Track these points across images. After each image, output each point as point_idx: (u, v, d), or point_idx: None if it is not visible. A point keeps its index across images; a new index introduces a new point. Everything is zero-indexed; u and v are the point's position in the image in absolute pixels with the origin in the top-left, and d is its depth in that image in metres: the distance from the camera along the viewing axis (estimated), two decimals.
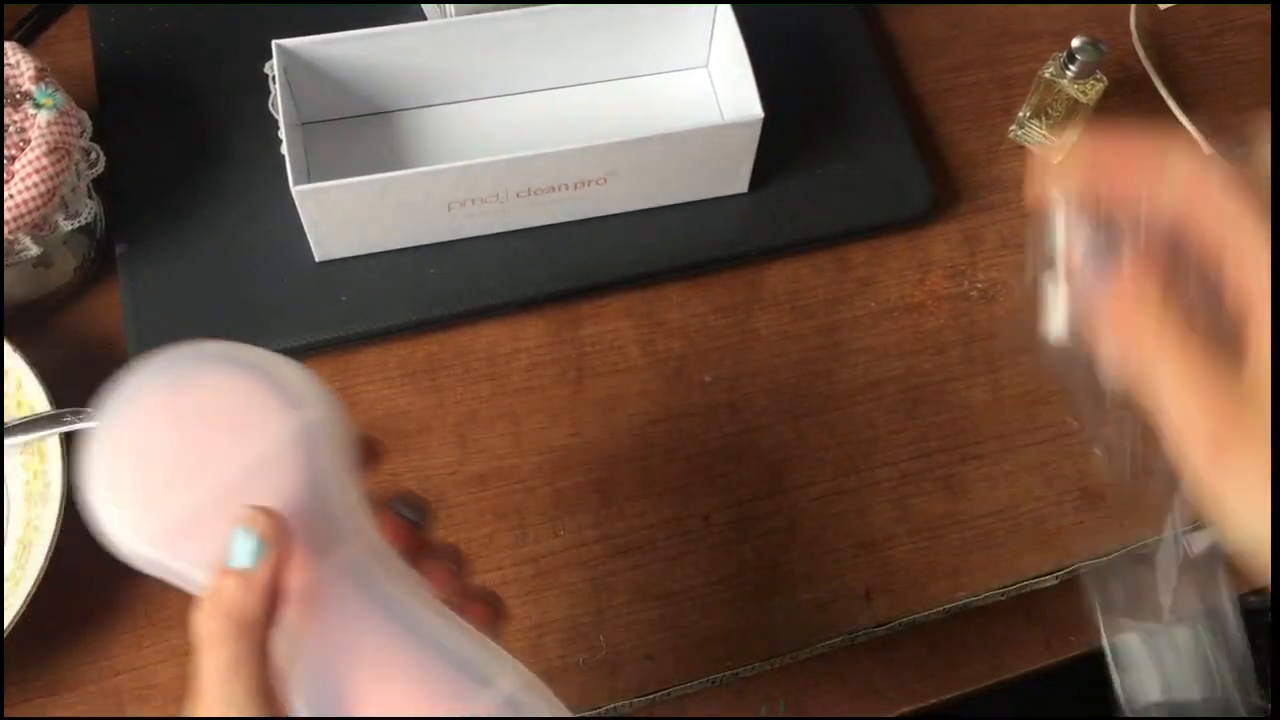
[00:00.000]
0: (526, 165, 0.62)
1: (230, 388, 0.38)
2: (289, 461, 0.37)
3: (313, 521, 0.37)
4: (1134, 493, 0.41)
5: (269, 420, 0.37)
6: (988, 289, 0.69)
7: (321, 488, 0.37)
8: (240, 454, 0.37)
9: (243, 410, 0.38)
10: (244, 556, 0.36)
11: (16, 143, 0.58)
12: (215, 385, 0.38)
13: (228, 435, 0.37)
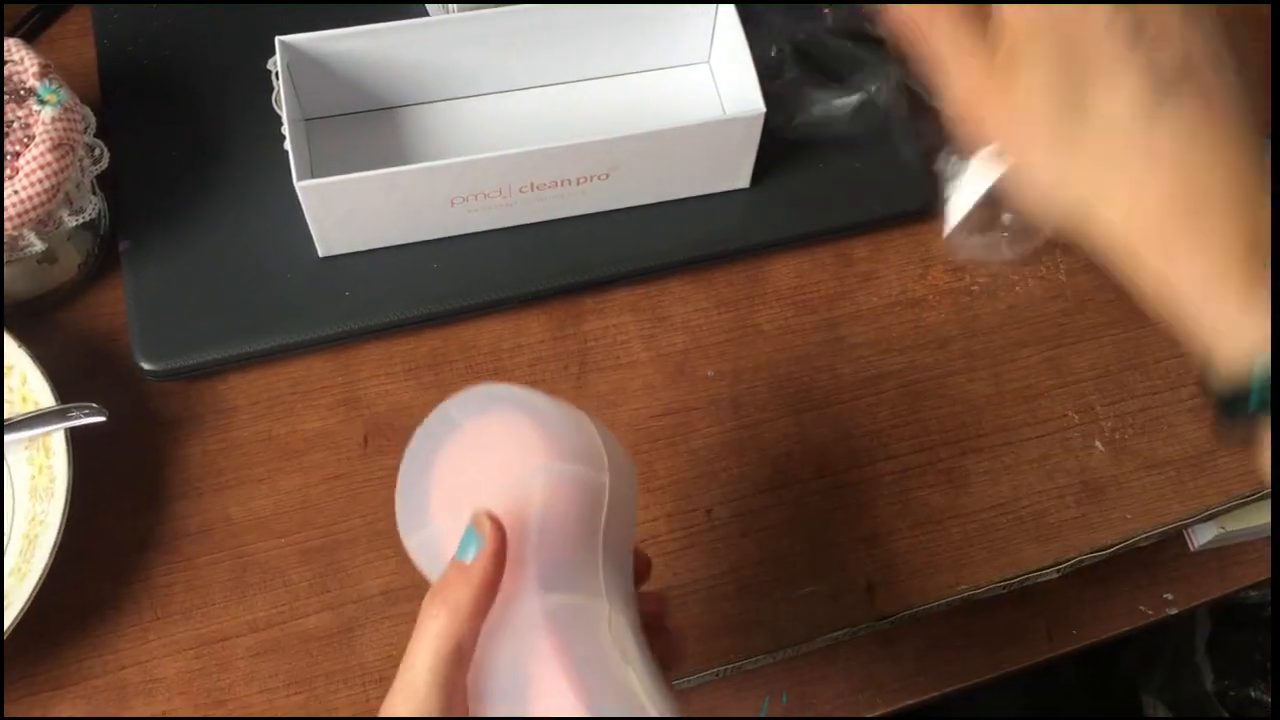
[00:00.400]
0: (529, 160, 0.62)
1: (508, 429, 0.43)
2: (526, 496, 0.41)
3: (543, 555, 0.41)
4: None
5: (526, 460, 0.42)
6: (989, 284, 0.70)
7: (559, 530, 0.41)
8: (495, 484, 0.42)
9: (509, 450, 0.43)
10: (466, 551, 0.40)
11: (21, 139, 0.58)
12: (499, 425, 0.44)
13: (492, 469, 0.43)
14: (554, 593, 0.41)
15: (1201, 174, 0.36)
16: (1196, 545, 0.75)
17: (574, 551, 0.42)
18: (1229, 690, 1.09)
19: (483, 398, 0.45)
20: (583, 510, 0.42)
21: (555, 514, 0.41)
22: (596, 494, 0.42)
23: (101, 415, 0.58)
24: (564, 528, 0.42)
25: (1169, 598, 0.73)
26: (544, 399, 0.44)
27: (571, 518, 0.42)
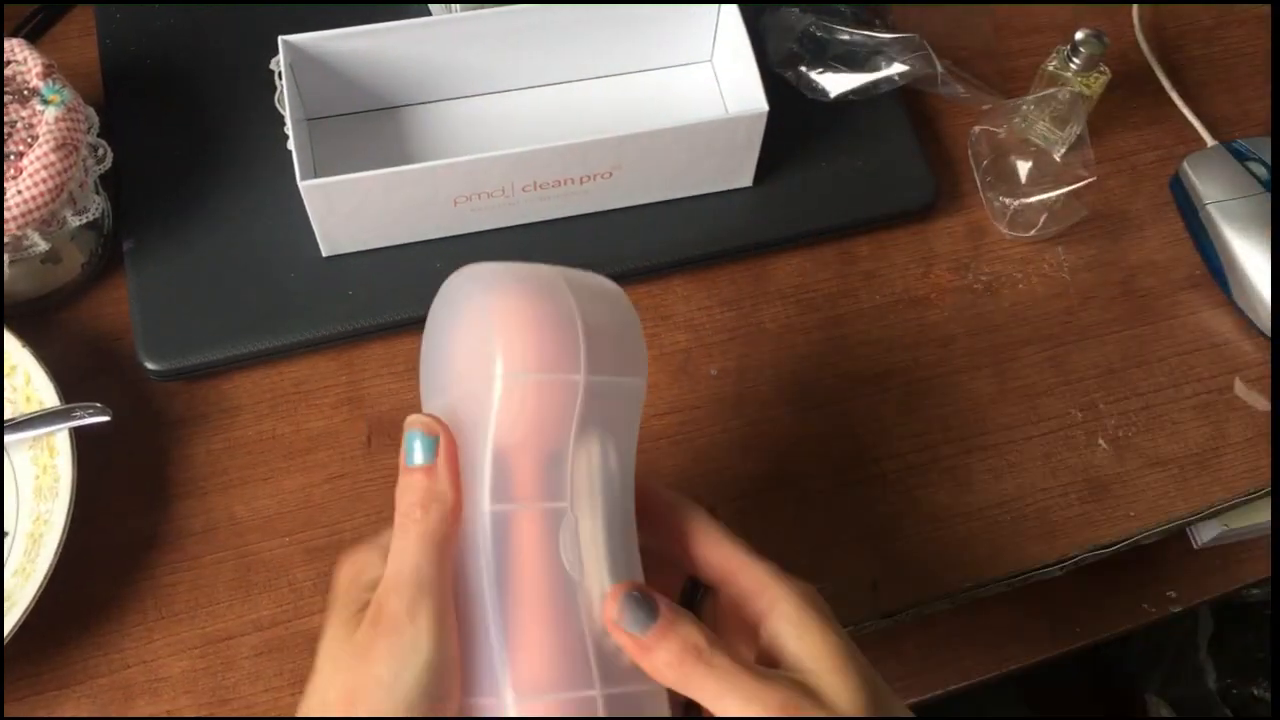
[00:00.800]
0: (532, 160, 0.62)
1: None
2: (485, 402, 0.40)
3: (496, 464, 0.40)
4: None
5: (486, 366, 0.41)
6: (991, 282, 0.70)
7: (510, 439, 0.40)
8: (463, 382, 0.42)
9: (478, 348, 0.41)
10: (418, 454, 0.41)
11: (24, 139, 0.58)
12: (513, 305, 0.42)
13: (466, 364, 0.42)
14: (501, 502, 0.40)
15: None
16: (1200, 543, 0.75)
17: (528, 458, 0.41)
18: (1231, 688, 1.09)
19: (495, 275, 0.44)
20: (540, 418, 0.40)
21: (505, 423, 0.40)
22: (562, 398, 0.41)
23: (105, 415, 0.59)
24: (515, 436, 0.40)
25: (1172, 595, 0.73)
26: (549, 282, 0.43)
27: (524, 426, 0.40)
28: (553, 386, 0.41)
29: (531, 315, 0.41)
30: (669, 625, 0.40)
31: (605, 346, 0.42)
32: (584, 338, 0.41)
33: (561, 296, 0.42)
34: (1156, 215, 0.72)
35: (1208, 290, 0.70)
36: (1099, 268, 0.71)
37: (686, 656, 0.39)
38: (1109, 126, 0.75)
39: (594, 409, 0.41)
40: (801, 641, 0.41)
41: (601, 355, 0.41)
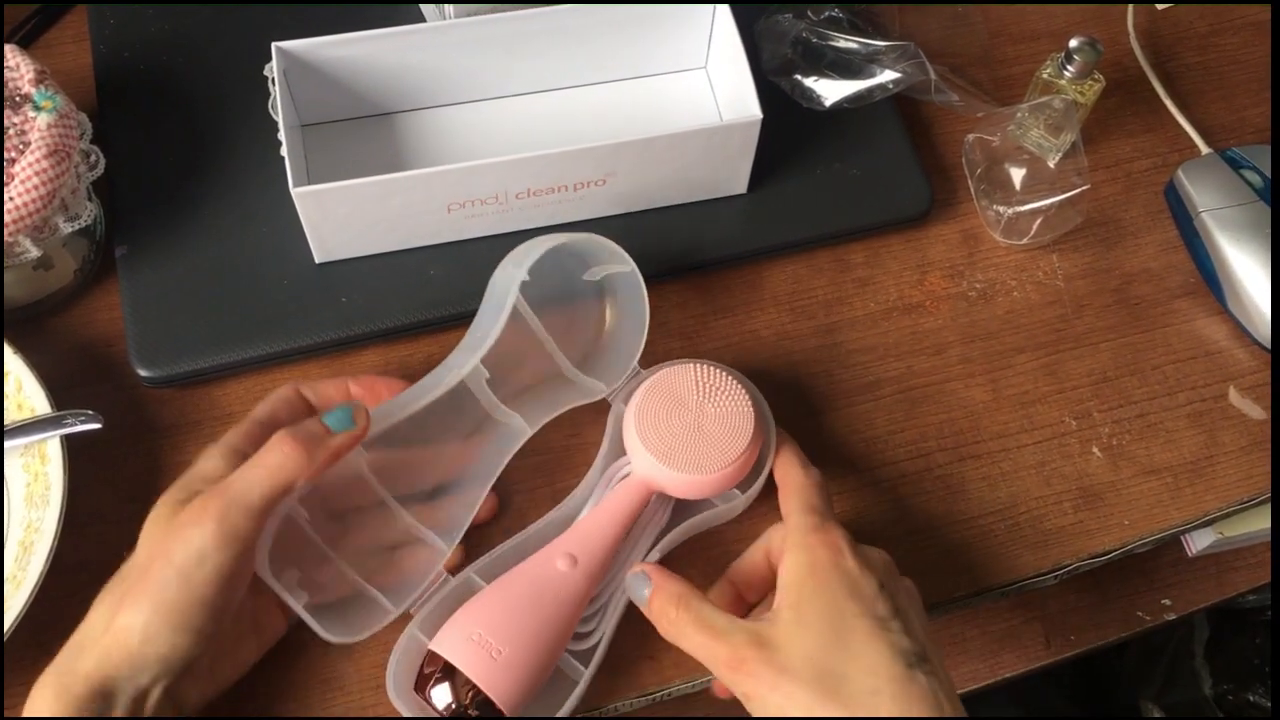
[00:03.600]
0: (526, 166, 0.62)
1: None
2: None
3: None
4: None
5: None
6: (986, 289, 0.70)
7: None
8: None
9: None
10: (336, 422, 0.52)
11: (16, 145, 0.58)
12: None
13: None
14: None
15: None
16: (1194, 551, 0.75)
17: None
18: (1227, 695, 1.09)
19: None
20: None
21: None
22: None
23: (97, 422, 0.58)
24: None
25: (1167, 603, 0.73)
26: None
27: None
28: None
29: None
30: (654, 598, 0.52)
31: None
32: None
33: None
34: (1151, 223, 0.72)
35: (1202, 298, 0.70)
36: (1093, 275, 0.71)
37: (661, 619, 0.51)
38: (1103, 134, 0.75)
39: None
40: (780, 579, 0.50)
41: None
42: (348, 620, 0.54)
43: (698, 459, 0.56)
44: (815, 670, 0.46)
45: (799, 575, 0.49)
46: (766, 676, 0.47)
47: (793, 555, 0.50)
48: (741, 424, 0.57)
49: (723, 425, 0.57)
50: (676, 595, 0.51)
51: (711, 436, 0.57)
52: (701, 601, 0.50)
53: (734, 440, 0.57)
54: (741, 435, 0.57)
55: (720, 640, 0.48)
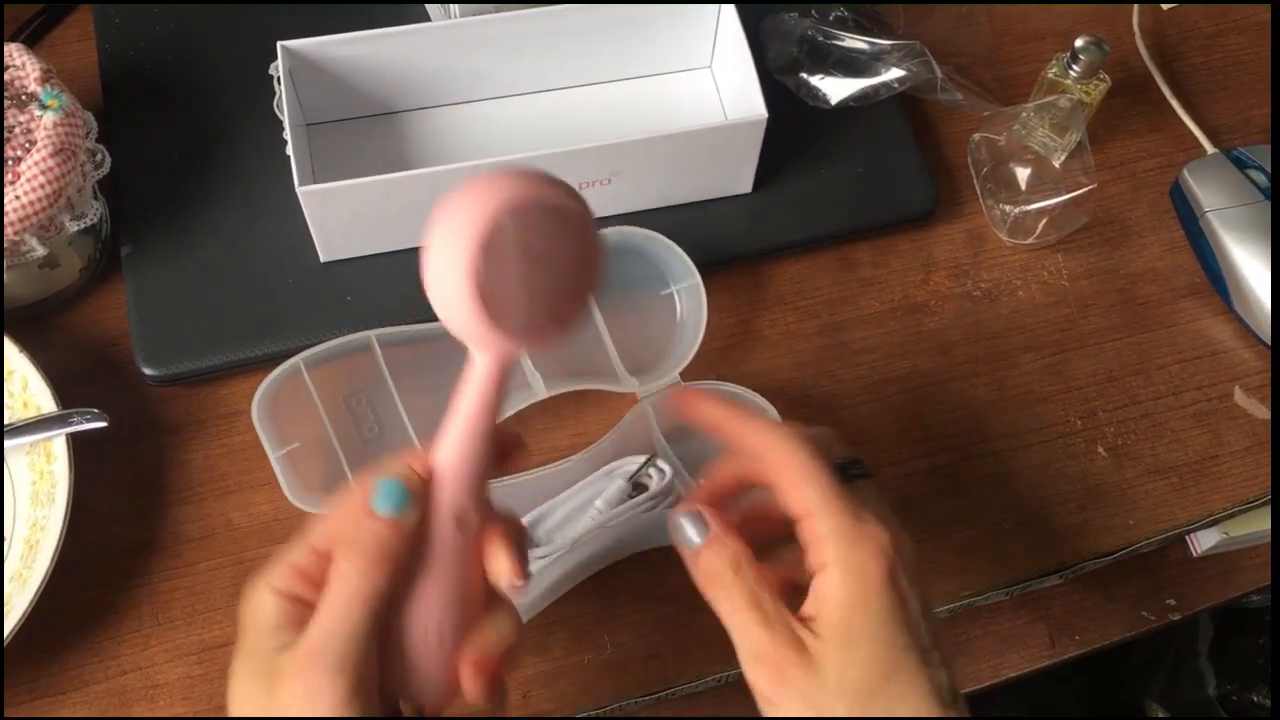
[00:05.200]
0: (530, 165, 0.62)
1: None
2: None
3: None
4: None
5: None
6: (991, 289, 0.70)
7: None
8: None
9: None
10: (385, 503, 0.42)
11: (22, 144, 0.58)
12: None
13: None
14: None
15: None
16: (1199, 551, 0.75)
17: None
18: (1231, 695, 1.09)
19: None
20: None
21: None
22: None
23: (103, 420, 0.58)
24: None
25: (1171, 603, 0.73)
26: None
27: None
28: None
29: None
30: (708, 550, 0.45)
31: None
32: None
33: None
34: (1156, 223, 0.72)
35: (1207, 298, 0.70)
36: (1098, 275, 0.70)
37: (712, 581, 0.45)
38: (1109, 134, 0.75)
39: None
40: (824, 592, 0.43)
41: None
42: (312, 490, 0.58)
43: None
44: (856, 700, 0.42)
45: (849, 598, 0.43)
46: (801, 691, 0.42)
47: (840, 573, 0.43)
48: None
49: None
50: (735, 556, 0.45)
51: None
52: (758, 572, 0.45)
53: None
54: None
55: (765, 629, 0.43)
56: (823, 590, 0.43)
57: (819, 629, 0.43)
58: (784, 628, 0.43)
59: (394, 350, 0.60)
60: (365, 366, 0.59)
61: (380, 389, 0.60)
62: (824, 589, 0.43)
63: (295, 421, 0.58)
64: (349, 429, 0.60)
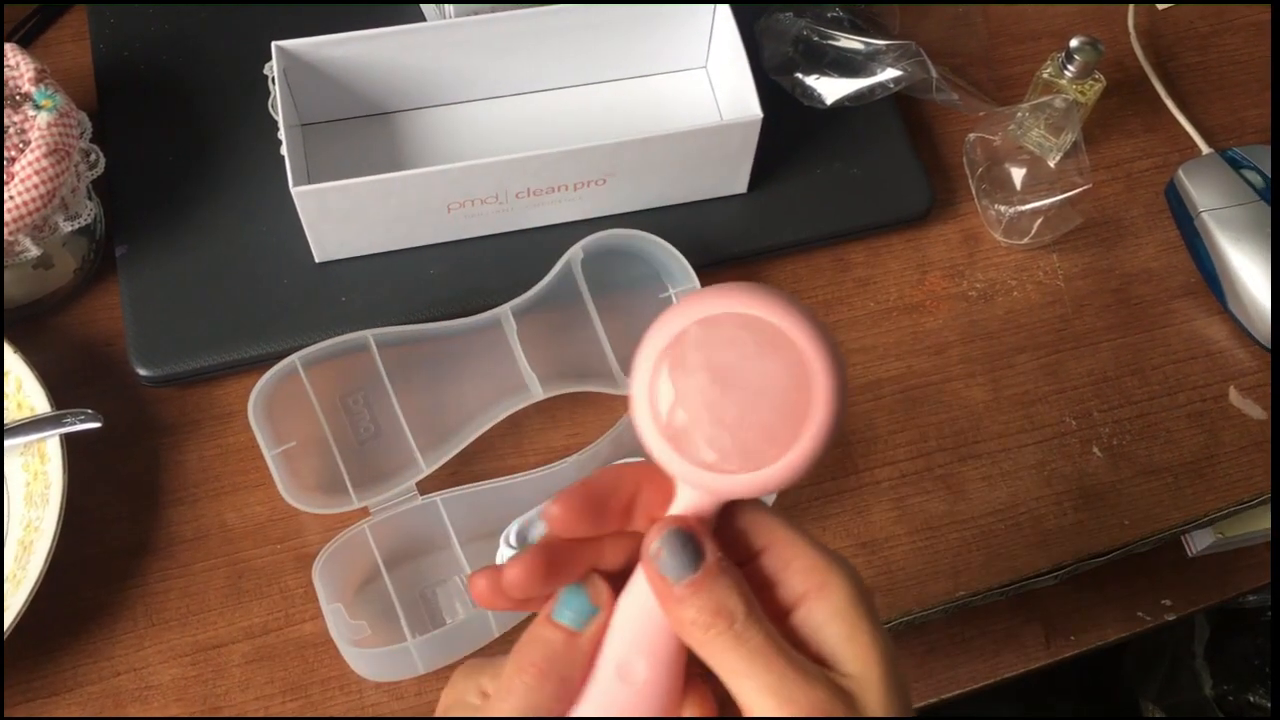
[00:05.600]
0: (526, 166, 0.62)
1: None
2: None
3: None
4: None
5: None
6: (986, 289, 0.70)
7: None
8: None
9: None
10: (568, 614, 0.36)
11: (16, 144, 0.58)
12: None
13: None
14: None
15: None
16: (1194, 551, 0.75)
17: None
18: (1228, 695, 1.09)
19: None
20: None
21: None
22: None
23: (97, 421, 0.58)
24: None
25: (1167, 603, 0.73)
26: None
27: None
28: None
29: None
30: (709, 580, 0.35)
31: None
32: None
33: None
34: (1151, 223, 0.72)
35: (1202, 298, 0.70)
36: (1093, 275, 0.70)
37: (718, 620, 0.35)
38: (1104, 134, 0.75)
39: None
40: (851, 643, 0.36)
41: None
42: (307, 489, 0.58)
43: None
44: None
45: (858, 630, 0.36)
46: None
47: (836, 604, 0.36)
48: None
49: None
50: (743, 588, 0.35)
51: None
52: (760, 624, 0.35)
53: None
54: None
55: (800, 676, 0.34)
56: (831, 622, 0.36)
57: (846, 667, 0.35)
58: (817, 672, 0.35)
59: (390, 350, 0.60)
60: (361, 366, 0.59)
61: (377, 389, 0.60)
62: (833, 621, 0.36)
63: (291, 421, 0.58)
64: (345, 429, 0.60)
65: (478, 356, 0.61)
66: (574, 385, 0.62)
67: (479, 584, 0.36)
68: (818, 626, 0.36)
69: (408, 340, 0.60)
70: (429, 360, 0.61)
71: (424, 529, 0.60)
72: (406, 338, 0.60)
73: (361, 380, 0.60)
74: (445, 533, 0.59)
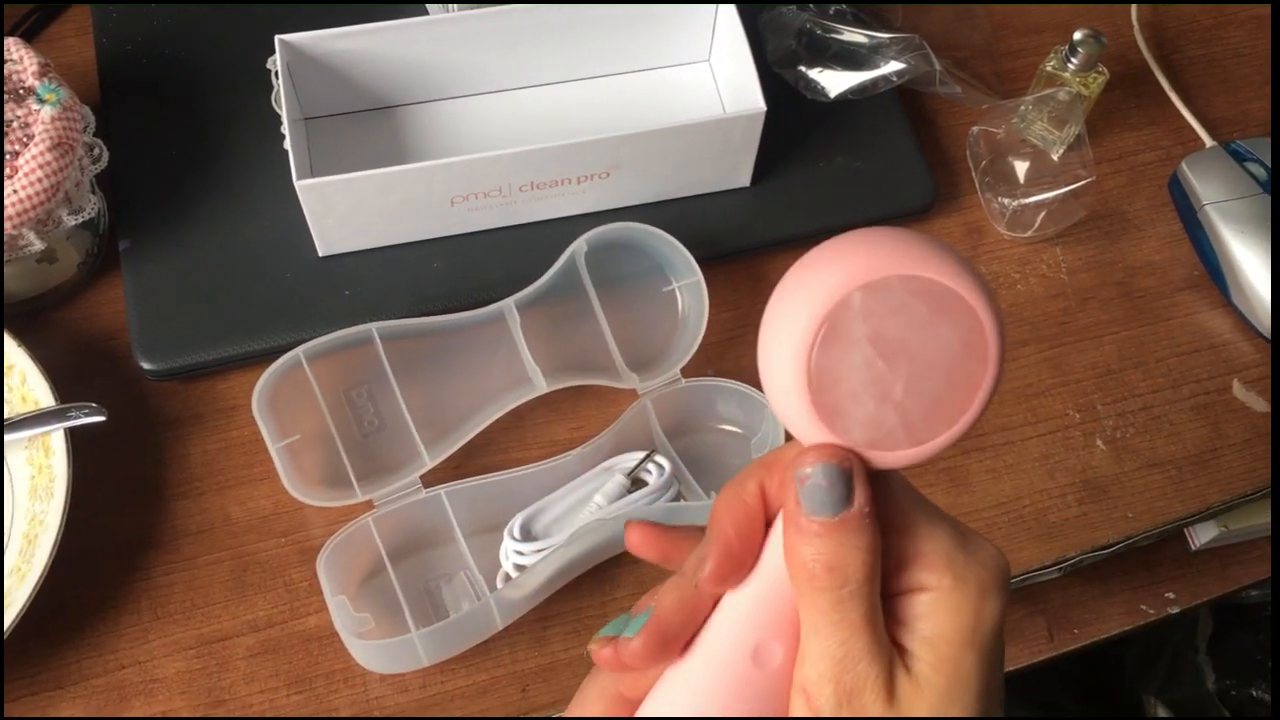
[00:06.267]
0: (529, 160, 0.62)
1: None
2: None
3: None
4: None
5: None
6: (990, 282, 0.69)
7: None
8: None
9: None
10: (630, 626, 0.34)
11: (20, 138, 0.58)
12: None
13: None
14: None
15: None
16: (1198, 544, 0.75)
17: None
18: (1230, 690, 1.09)
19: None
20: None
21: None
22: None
23: (101, 415, 0.58)
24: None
25: (1170, 597, 0.73)
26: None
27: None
28: None
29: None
30: (845, 529, 0.32)
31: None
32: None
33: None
34: (1155, 216, 0.72)
35: (1206, 291, 0.70)
36: (1097, 268, 0.70)
37: (831, 576, 0.32)
38: (1107, 127, 0.75)
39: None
40: (930, 636, 0.33)
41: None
42: (311, 482, 0.58)
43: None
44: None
45: (962, 634, 0.33)
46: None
47: (949, 612, 0.33)
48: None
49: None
50: (874, 553, 0.33)
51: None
52: (872, 596, 0.33)
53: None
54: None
55: (872, 648, 0.32)
56: (921, 619, 0.33)
57: (915, 665, 0.33)
58: (886, 654, 0.32)
59: (394, 344, 0.60)
60: (366, 360, 0.59)
61: (381, 382, 0.60)
62: (924, 617, 0.33)
63: (295, 414, 0.58)
64: (349, 422, 0.60)
65: (481, 350, 0.61)
66: (577, 378, 0.62)
67: (604, 654, 0.35)
68: (918, 631, 0.33)
69: (411, 334, 0.60)
70: (433, 354, 0.61)
71: (428, 522, 0.60)
72: (410, 331, 0.60)
73: (365, 374, 0.60)
74: (449, 526, 0.59)
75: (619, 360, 0.62)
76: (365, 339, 0.59)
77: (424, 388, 0.60)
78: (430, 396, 0.60)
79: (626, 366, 0.62)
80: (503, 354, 0.61)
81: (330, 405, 0.59)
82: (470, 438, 0.60)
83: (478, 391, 0.61)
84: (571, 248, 0.62)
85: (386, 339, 0.59)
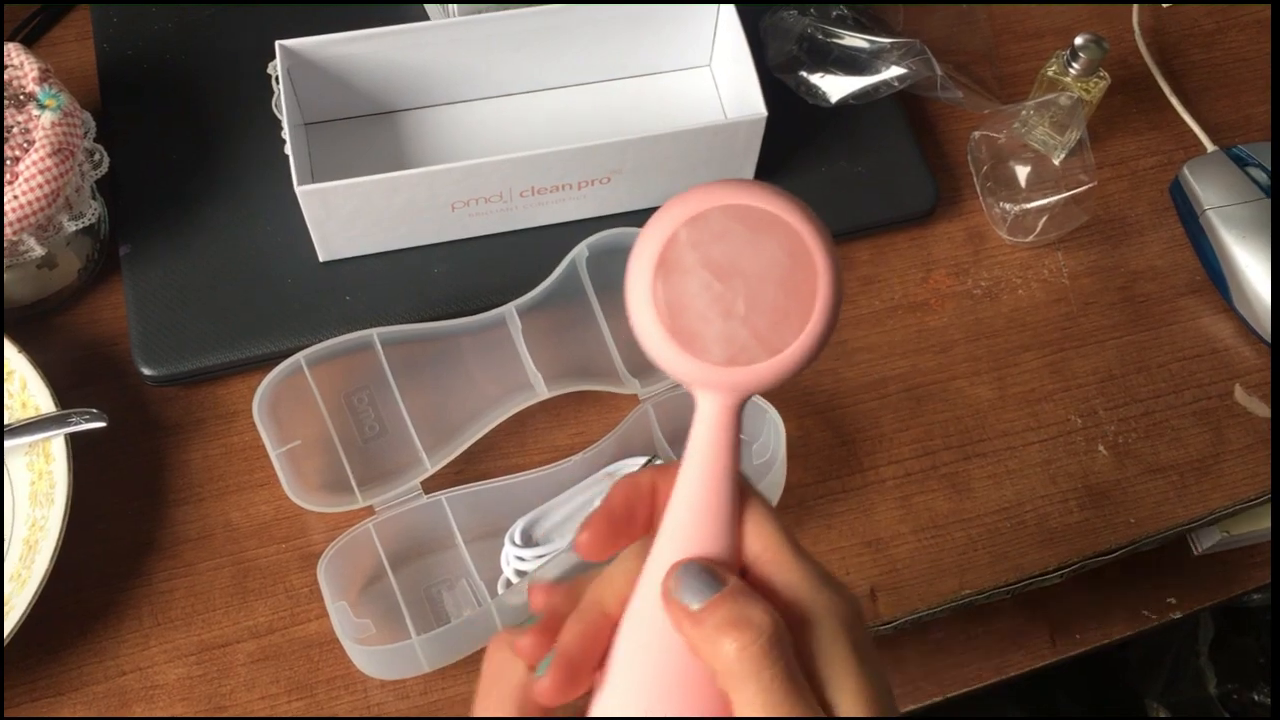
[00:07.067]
0: (530, 165, 0.62)
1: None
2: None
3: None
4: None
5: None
6: (991, 287, 0.69)
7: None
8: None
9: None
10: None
11: (20, 144, 0.58)
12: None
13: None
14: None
15: None
16: (1200, 549, 0.75)
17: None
18: (1232, 694, 1.09)
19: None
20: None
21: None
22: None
23: (102, 421, 0.58)
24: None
25: (1172, 601, 0.73)
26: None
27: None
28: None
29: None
30: (732, 596, 0.33)
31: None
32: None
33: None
34: (1156, 221, 0.72)
35: (1208, 296, 0.70)
36: (1099, 273, 0.70)
37: (741, 630, 0.33)
38: (1109, 132, 0.75)
39: None
40: (831, 684, 0.34)
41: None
42: (312, 488, 0.58)
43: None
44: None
45: (850, 663, 0.35)
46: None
47: (828, 631, 0.35)
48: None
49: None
50: (775, 631, 0.33)
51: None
52: (786, 647, 0.34)
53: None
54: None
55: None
56: (818, 656, 0.35)
57: (832, 700, 0.34)
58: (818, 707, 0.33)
59: (395, 349, 0.60)
60: (366, 365, 0.59)
61: (381, 388, 0.59)
62: (819, 655, 0.35)
63: (296, 419, 0.58)
64: (350, 427, 0.60)
65: (482, 355, 0.61)
66: (578, 384, 0.62)
67: (582, 537, 0.36)
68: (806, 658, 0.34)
69: (412, 339, 0.60)
70: (434, 359, 0.61)
71: (429, 528, 0.60)
72: (411, 336, 0.60)
73: (366, 379, 0.60)
74: (450, 531, 0.59)
75: (620, 365, 0.62)
76: (366, 344, 0.59)
77: (425, 393, 0.60)
78: (431, 402, 0.60)
79: (628, 372, 0.62)
80: (504, 359, 0.61)
81: (331, 411, 0.59)
82: (471, 443, 0.60)
83: (479, 397, 0.61)
84: (573, 253, 0.62)
85: (387, 344, 0.59)
